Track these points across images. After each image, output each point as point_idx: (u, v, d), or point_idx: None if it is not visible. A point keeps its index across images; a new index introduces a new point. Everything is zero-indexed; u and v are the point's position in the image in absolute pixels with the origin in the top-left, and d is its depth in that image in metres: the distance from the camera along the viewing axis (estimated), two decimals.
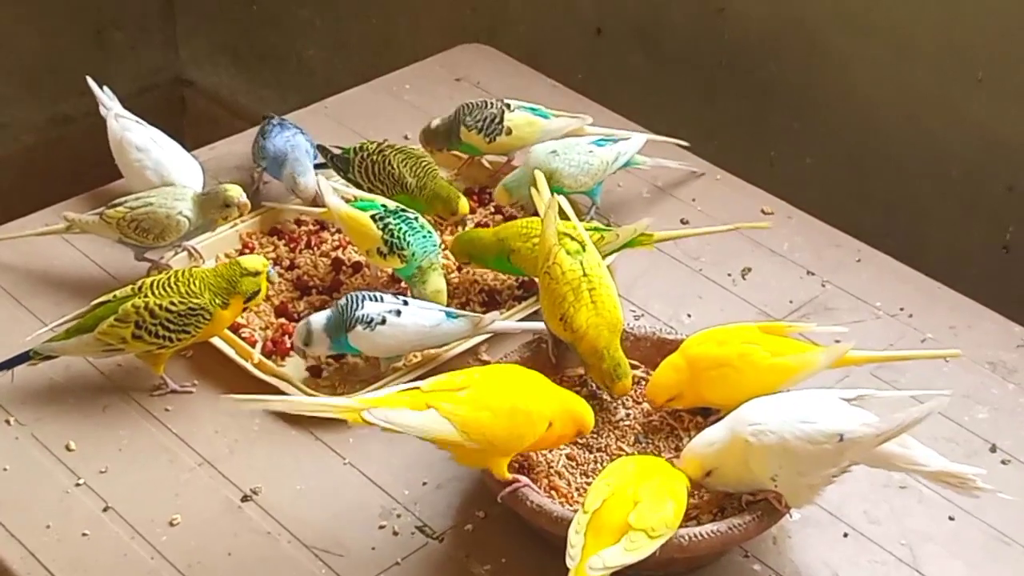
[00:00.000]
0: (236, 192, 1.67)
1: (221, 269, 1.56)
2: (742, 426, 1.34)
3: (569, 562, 1.25)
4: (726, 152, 2.06)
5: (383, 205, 1.69)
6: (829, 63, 2.10)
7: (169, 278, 1.55)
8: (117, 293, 1.55)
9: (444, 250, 1.76)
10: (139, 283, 1.56)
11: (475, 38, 2.30)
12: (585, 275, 1.50)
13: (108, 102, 1.87)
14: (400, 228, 1.65)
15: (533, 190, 1.65)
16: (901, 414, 1.29)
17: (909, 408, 1.30)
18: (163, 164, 1.79)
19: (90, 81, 1.88)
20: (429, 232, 1.67)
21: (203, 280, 1.54)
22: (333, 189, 1.72)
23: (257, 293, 1.56)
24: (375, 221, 1.66)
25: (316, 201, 1.79)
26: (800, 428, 1.31)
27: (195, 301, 1.53)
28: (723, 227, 1.79)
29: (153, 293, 1.53)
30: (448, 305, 1.68)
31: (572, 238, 1.53)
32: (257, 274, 1.55)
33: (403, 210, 1.68)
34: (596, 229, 1.68)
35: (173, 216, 1.66)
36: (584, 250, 1.53)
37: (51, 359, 1.56)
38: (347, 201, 1.72)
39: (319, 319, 1.56)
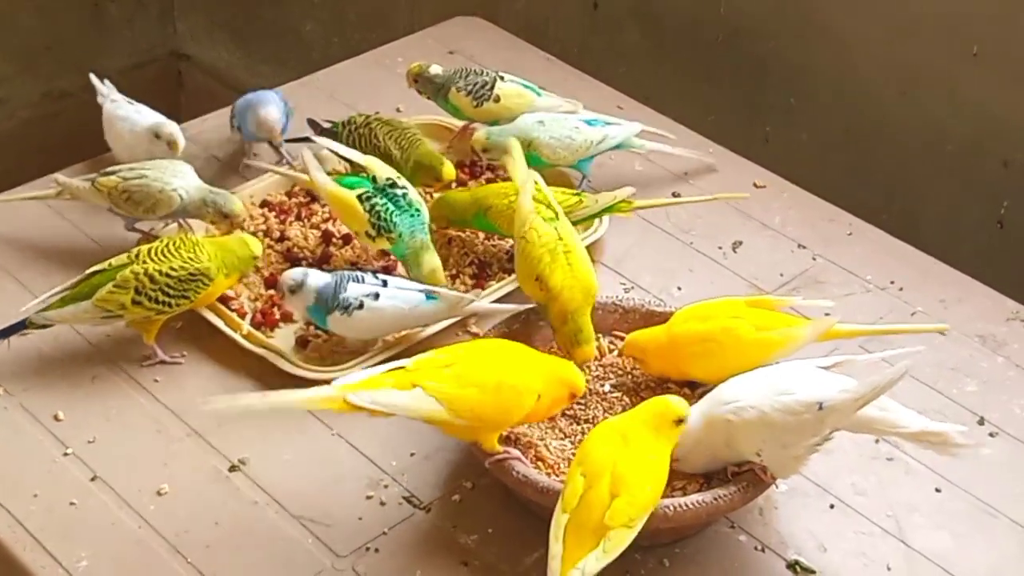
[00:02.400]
0: (239, 209, 1.67)
1: (231, 244, 1.59)
2: (718, 407, 1.34)
3: (551, 575, 1.23)
4: (721, 128, 2.06)
5: (371, 179, 1.68)
6: (825, 39, 2.09)
7: (167, 244, 1.56)
8: (112, 261, 1.56)
9: None
10: (135, 251, 1.56)
11: (472, 13, 2.29)
12: (560, 239, 1.51)
13: (106, 91, 1.88)
14: (387, 208, 1.63)
15: (506, 156, 1.64)
16: (877, 376, 1.29)
17: (885, 370, 1.29)
18: (140, 124, 1.79)
19: (93, 78, 1.89)
20: (417, 209, 1.65)
21: (203, 247, 1.56)
22: (318, 164, 1.71)
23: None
24: (361, 202, 1.65)
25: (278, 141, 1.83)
26: (779, 400, 1.31)
27: (196, 265, 1.54)
28: (703, 197, 1.79)
29: (152, 259, 1.54)
30: None
31: (547, 206, 1.55)
32: (256, 257, 1.60)
33: (390, 186, 1.67)
34: (575, 193, 1.69)
35: (167, 191, 1.66)
36: (558, 218, 1.54)
37: (45, 328, 1.56)
38: (337, 175, 1.71)
39: (316, 280, 1.54)
